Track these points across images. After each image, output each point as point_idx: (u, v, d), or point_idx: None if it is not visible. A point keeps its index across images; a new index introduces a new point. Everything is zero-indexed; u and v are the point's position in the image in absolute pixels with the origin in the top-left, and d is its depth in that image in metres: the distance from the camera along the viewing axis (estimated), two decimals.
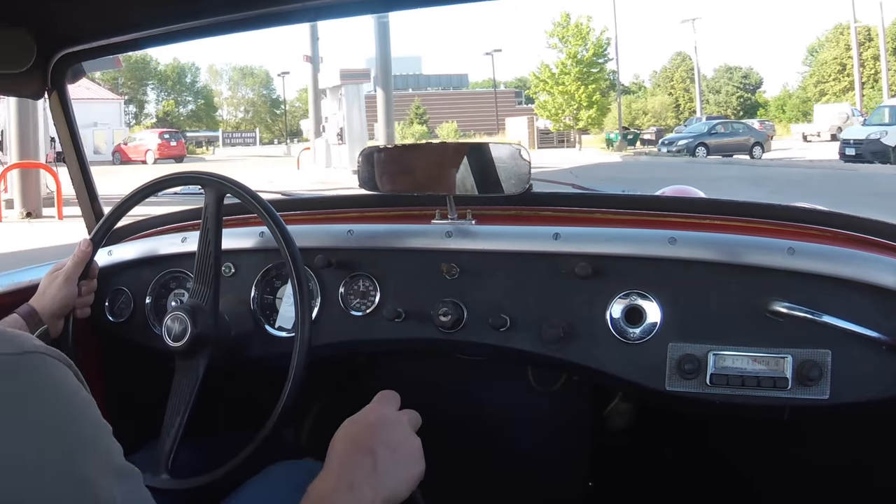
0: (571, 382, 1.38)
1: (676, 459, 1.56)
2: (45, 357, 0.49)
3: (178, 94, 53.04)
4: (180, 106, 52.96)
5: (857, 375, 1.00)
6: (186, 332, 1.09)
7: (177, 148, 30.27)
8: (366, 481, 0.68)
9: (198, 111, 53.33)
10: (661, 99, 49.19)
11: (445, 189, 1.21)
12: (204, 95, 54.20)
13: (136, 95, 51.24)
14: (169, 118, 44.51)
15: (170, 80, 52.29)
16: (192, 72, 53.95)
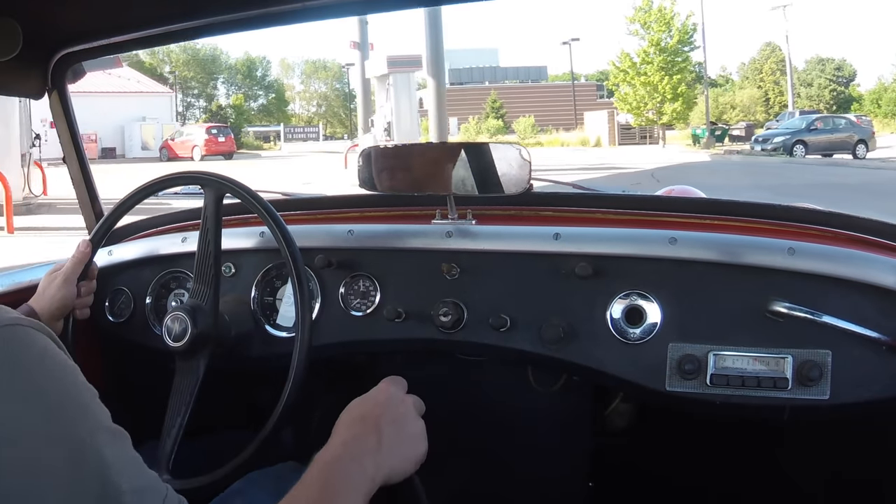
0: (572, 383, 1.38)
1: (676, 459, 1.56)
2: (24, 328, 0.50)
3: (248, 88, 51.27)
4: (250, 100, 51.02)
5: (857, 375, 1.00)
6: (186, 332, 1.09)
7: (225, 144, 28.59)
8: (369, 456, 0.70)
9: (268, 105, 51.61)
10: (749, 92, 44.63)
11: (446, 189, 1.21)
12: (275, 89, 52.52)
13: (206, 90, 49.94)
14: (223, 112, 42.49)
15: (240, 73, 50.89)
16: (263, 65, 52.27)
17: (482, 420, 1.44)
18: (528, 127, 35.46)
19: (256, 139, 40.37)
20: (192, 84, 49.04)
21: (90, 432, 0.50)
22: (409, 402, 0.79)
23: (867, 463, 1.30)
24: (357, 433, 0.73)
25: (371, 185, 1.25)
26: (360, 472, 0.69)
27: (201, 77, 49.32)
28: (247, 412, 1.46)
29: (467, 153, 1.21)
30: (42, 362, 0.50)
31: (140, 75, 36.81)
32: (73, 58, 1.35)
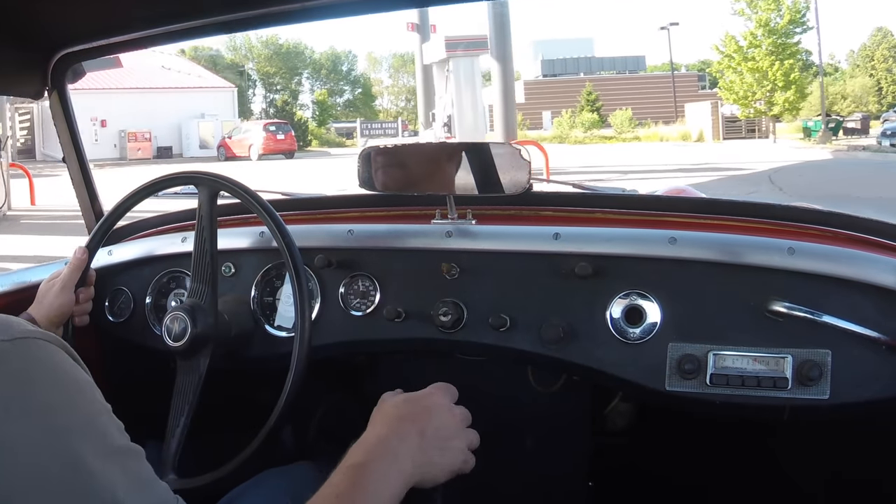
0: (571, 382, 1.38)
1: (676, 459, 1.56)
2: (38, 341, 0.49)
3: (333, 84, 49.80)
4: (335, 95, 49.52)
5: (857, 375, 1.00)
6: (186, 331, 1.09)
7: (285, 142, 26.48)
8: (409, 456, 0.70)
9: (354, 101, 50.01)
10: (860, 81, 41.93)
11: (445, 189, 1.21)
12: (361, 84, 50.79)
13: (289, 85, 48.33)
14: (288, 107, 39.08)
15: (324, 68, 49.45)
16: (349, 60, 50.97)
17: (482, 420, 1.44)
18: (625, 120, 32.42)
19: (338, 136, 38.77)
20: (276, 80, 47.43)
21: (99, 452, 0.49)
22: (458, 412, 0.79)
23: (867, 463, 1.30)
24: (400, 432, 0.72)
25: (371, 185, 1.25)
26: (397, 470, 0.68)
27: (284, 73, 47.69)
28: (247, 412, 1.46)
29: (467, 153, 1.21)
30: (53, 379, 0.49)
31: (201, 69, 35.15)
32: (73, 58, 1.35)
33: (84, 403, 0.50)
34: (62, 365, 0.50)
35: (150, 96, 29.72)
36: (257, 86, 47.37)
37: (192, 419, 1.08)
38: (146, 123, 28.45)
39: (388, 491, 0.66)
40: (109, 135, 28.23)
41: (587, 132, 31.83)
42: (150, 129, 28.72)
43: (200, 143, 29.50)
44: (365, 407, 0.80)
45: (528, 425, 1.45)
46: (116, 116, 27.99)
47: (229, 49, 46.17)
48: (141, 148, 28.06)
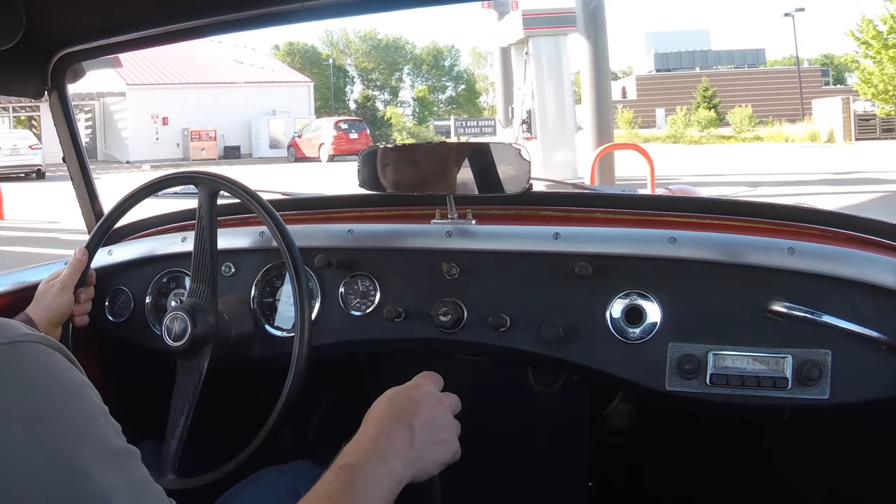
0: (571, 382, 1.38)
1: (676, 459, 1.56)
2: (35, 345, 0.49)
3: (435, 80, 46.81)
4: (437, 92, 46.76)
5: (857, 375, 1.00)
6: (186, 331, 1.09)
7: (359, 141, 22.90)
8: (399, 456, 0.70)
9: (457, 97, 46.86)
10: None
11: (446, 189, 1.21)
12: (465, 80, 47.44)
13: (389, 81, 46.12)
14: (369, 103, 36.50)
15: (425, 63, 46.48)
16: (452, 55, 47.66)
17: (481, 420, 1.44)
18: (745, 118, 28.92)
19: (437, 134, 35.72)
20: (374, 76, 45.50)
21: (95, 455, 0.49)
22: (446, 402, 0.79)
23: (867, 462, 1.30)
24: (389, 431, 0.72)
25: (371, 185, 1.25)
26: (388, 471, 0.68)
27: (383, 68, 45.57)
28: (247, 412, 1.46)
29: (468, 153, 1.21)
30: (49, 383, 0.49)
31: (275, 62, 32.59)
32: (73, 58, 1.35)
33: (80, 406, 0.50)
34: (58, 368, 0.50)
35: (217, 92, 27.58)
36: (355, 82, 45.60)
37: (192, 419, 1.08)
38: (212, 121, 26.39)
39: (381, 491, 0.67)
40: (172, 133, 26.59)
41: (703, 131, 29.02)
42: (216, 127, 26.56)
43: (271, 142, 26.94)
44: (365, 407, 0.80)
45: (528, 425, 1.45)
46: (180, 113, 26.25)
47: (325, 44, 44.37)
48: (206, 147, 26.00)
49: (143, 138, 25.99)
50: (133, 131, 26.50)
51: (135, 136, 26.34)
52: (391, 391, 0.78)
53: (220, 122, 26.59)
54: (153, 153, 25.16)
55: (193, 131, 26.28)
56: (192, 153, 25.84)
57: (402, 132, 36.19)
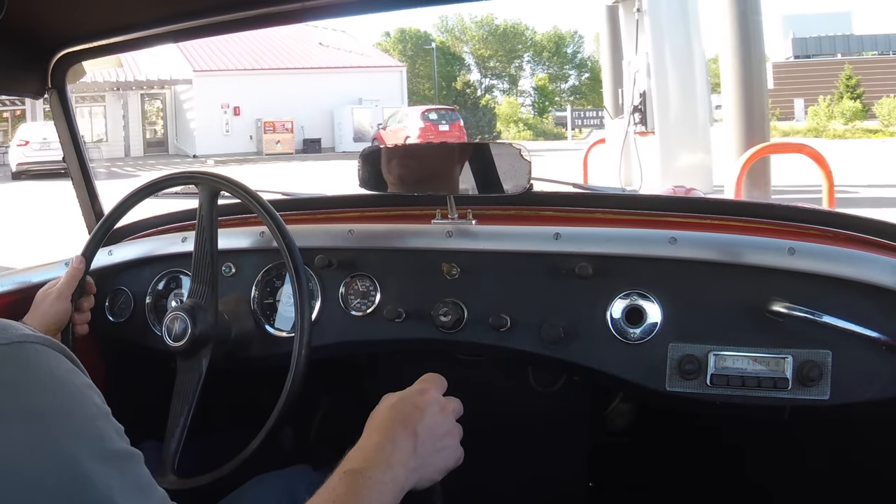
0: (571, 382, 1.38)
1: (676, 460, 1.56)
2: (35, 346, 0.49)
3: (557, 68, 42.27)
4: (559, 81, 42.19)
5: (857, 375, 1.00)
6: (186, 331, 1.09)
7: (450, 133, 20.33)
8: (403, 463, 0.70)
9: (581, 87, 42.12)
10: None
11: (446, 189, 1.21)
12: (589, 68, 42.25)
13: (507, 69, 41.88)
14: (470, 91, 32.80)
15: (546, 51, 41.96)
16: (575, 41, 42.87)
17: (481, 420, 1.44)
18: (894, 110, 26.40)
19: (557, 126, 32.30)
20: (492, 64, 41.54)
21: (96, 456, 0.49)
22: (450, 408, 0.78)
23: (867, 462, 1.30)
24: (393, 437, 0.72)
25: (371, 185, 1.25)
26: (392, 478, 0.68)
27: (501, 55, 41.45)
28: (247, 412, 1.46)
29: (468, 154, 1.21)
30: (50, 383, 0.49)
31: (364, 46, 28.45)
32: (73, 58, 1.35)
33: (81, 408, 0.50)
34: (59, 369, 0.50)
35: (296, 78, 24.30)
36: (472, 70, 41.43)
37: (192, 419, 1.08)
38: (290, 111, 23.19)
39: (385, 497, 0.67)
40: (244, 125, 23.62)
41: (848, 124, 25.97)
42: (294, 117, 23.32)
43: (355, 134, 23.39)
44: (365, 407, 0.80)
45: (528, 425, 1.45)
46: (253, 103, 23.26)
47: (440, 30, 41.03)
48: (281, 140, 22.91)
49: (211, 130, 23.29)
50: (201, 123, 23.62)
51: (203, 127, 23.52)
52: (394, 396, 0.78)
53: (299, 111, 23.37)
54: (223, 146, 22.72)
55: (267, 122, 23.26)
56: (266, 147, 23.06)
57: (518, 124, 32.27)
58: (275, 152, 22.40)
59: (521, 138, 29.35)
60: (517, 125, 32.30)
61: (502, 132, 31.24)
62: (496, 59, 41.85)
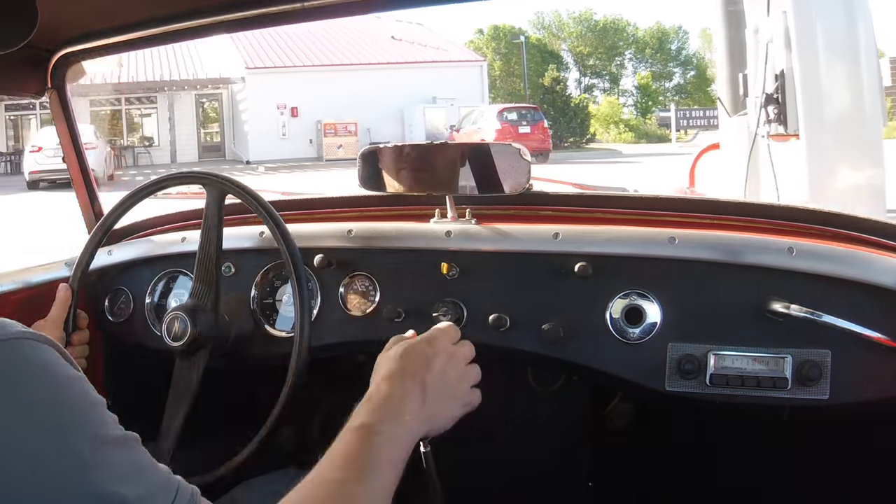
0: (571, 382, 1.38)
1: (676, 460, 1.56)
2: (30, 342, 0.50)
3: (661, 65, 39.57)
4: (663, 79, 39.45)
5: (856, 375, 1.00)
6: (187, 331, 1.09)
7: (532, 136, 17.37)
8: (412, 414, 0.72)
9: (686, 85, 39.34)
10: None
11: (445, 189, 1.21)
12: (694, 65, 39.67)
13: (608, 67, 39.17)
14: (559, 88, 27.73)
15: (649, 47, 39.12)
16: (679, 37, 39.91)
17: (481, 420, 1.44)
18: None
19: (660, 127, 29.80)
20: (592, 62, 38.86)
21: (92, 443, 0.49)
22: (459, 354, 0.80)
23: (867, 462, 1.29)
24: (402, 388, 0.73)
25: (371, 185, 1.25)
26: (404, 431, 0.70)
27: (601, 52, 38.66)
28: (247, 412, 1.47)
29: (467, 153, 1.21)
30: (44, 376, 0.49)
31: (442, 39, 25.16)
32: (73, 58, 1.35)
33: (77, 398, 0.51)
34: (53, 363, 0.51)
35: (361, 75, 21.89)
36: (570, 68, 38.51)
37: (189, 419, 1.08)
38: (354, 111, 20.72)
39: (397, 452, 0.68)
40: (302, 127, 21.45)
41: None
42: (358, 118, 20.86)
43: (427, 136, 20.53)
44: None
45: (528, 425, 1.45)
46: (313, 103, 21.13)
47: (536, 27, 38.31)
48: (343, 144, 20.29)
49: (267, 133, 21.21)
50: (255, 125, 21.56)
51: (257, 130, 21.42)
52: (403, 344, 0.79)
53: (365, 112, 20.89)
54: (278, 151, 20.51)
55: (328, 124, 21.01)
56: (326, 151, 20.73)
57: (618, 125, 29.81)
58: (336, 157, 19.65)
59: (621, 141, 27.38)
60: (617, 126, 30.00)
61: (599, 134, 28.54)
62: (596, 56, 38.86)
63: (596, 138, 27.58)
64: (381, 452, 0.66)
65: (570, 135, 25.84)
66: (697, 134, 22.02)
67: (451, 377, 0.78)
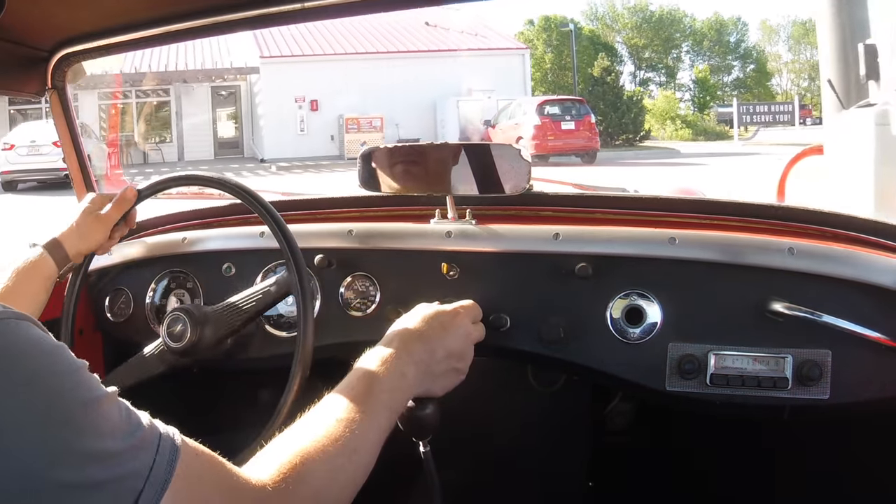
0: (571, 382, 1.38)
1: (676, 459, 1.56)
2: (12, 321, 0.52)
3: (720, 58, 37.39)
4: (721, 73, 37.30)
5: (856, 375, 1.00)
6: (186, 332, 1.09)
7: (577, 133, 15.12)
8: (415, 373, 0.81)
9: (745, 80, 37.27)
10: None
11: (445, 189, 1.21)
12: (754, 59, 37.55)
13: (664, 60, 36.80)
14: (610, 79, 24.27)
15: (707, 39, 37.05)
16: (739, 29, 37.52)
17: (481, 420, 1.44)
18: None
19: (719, 123, 27.75)
20: (647, 55, 36.71)
21: (82, 406, 0.52)
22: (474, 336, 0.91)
23: (867, 462, 1.30)
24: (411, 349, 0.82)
25: (371, 186, 1.25)
26: (404, 386, 0.79)
27: (657, 45, 36.56)
28: (247, 412, 1.47)
29: (467, 153, 1.21)
30: (29, 351, 0.52)
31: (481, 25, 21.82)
32: (73, 58, 1.35)
33: (63, 366, 0.53)
34: (36, 336, 0.53)
35: (390, 65, 19.46)
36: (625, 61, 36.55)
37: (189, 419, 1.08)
38: (381, 105, 18.42)
39: (394, 404, 0.77)
40: (323, 122, 19.12)
41: None
42: (384, 113, 18.48)
43: (461, 133, 18.52)
44: None
45: (528, 425, 1.45)
46: (335, 95, 18.81)
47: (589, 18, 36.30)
48: (367, 141, 16.11)
49: (284, 129, 19.11)
50: (270, 119, 19.38)
51: (272, 125, 19.33)
52: (429, 308, 0.89)
53: (393, 106, 18.56)
54: (297, 149, 18.46)
55: (350, 119, 18.47)
56: (349, 149, 17.71)
57: (675, 121, 27.57)
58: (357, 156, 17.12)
59: (678, 138, 25.44)
60: (674, 122, 27.80)
61: (654, 130, 26.01)
62: (651, 48, 36.57)
63: (651, 135, 24.86)
64: (381, 400, 0.76)
65: (621, 132, 22.61)
66: (758, 131, 20.47)
67: (458, 353, 0.86)
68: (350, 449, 0.70)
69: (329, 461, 0.68)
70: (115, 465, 0.51)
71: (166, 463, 0.55)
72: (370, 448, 0.72)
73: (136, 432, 0.55)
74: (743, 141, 19.84)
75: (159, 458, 0.54)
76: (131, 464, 0.53)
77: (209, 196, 1.50)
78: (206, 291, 1.31)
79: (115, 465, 0.51)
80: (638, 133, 22.92)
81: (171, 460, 0.55)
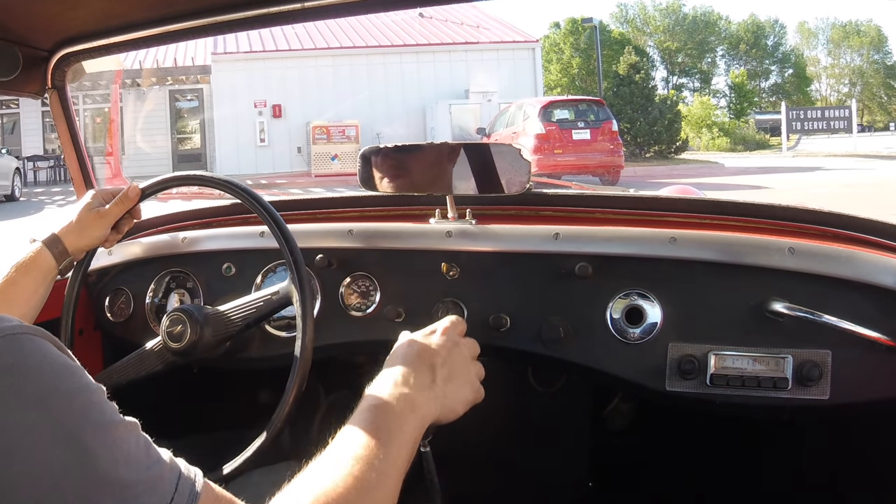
0: (571, 382, 1.38)
1: (676, 459, 1.56)
2: (25, 336, 0.51)
3: (757, 62, 35.71)
4: (759, 78, 35.57)
5: (857, 375, 1.00)
6: (186, 332, 1.09)
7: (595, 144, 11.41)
8: (422, 393, 0.78)
9: (783, 84, 35.90)
10: None
11: (445, 189, 1.21)
12: (793, 63, 36.02)
13: (698, 65, 35.62)
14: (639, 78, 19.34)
15: (743, 42, 35.40)
16: (776, 32, 36.13)
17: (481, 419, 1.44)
18: None
19: (758, 131, 25.87)
20: (681, 59, 35.47)
21: (93, 430, 0.50)
22: (464, 346, 0.87)
23: (867, 463, 1.30)
24: (415, 373, 0.79)
25: (372, 186, 1.25)
26: (411, 407, 0.75)
27: (690, 48, 35.07)
28: (247, 412, 1.47)
29: (467, 153, 1.21)
30: (42, 368, 0.50)
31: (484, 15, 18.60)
32: (73, 58, 1.35)
33: (76, 386, 0.52)
34: (51, 354, 0.52)
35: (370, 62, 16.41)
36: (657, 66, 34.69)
37: (189, 420, 1.08)
38: (358, 110, 15.45)
39: (407, 428, 0.73)
40: (288, 131, 15.98)
41: None
42: (361, 120, 15.24)
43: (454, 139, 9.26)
44: None
45: (528, 425, 1.45)
46: (301, 99, 15.91)
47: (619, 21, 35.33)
48: (338, 154, 14.79)
49: (240, 139, 16.06)
50: (224, 127, 16.23)
51: (227, 135, 16.19)
52: (408, 335, 0.86)
53: (373, 112, 15.60)
54: (256, 163, 15.56)
55: (317, 127, 15.08)
56: (315, 164, 14.93)
57: (711, 129, 25.32)
58: (328, 173, 14.14)
59: (714, 147, 23.39)
60: (710, 130, 25.26)
61: (690, 140, 22.90)
62: (685, 52, 34.99)
63: (690, 145, 21.79)
64: (391, 429, 0.71)
65: (652, 141, 18.58)
66: (800, 139, 18.38)
67: (457, 364, 0.84)
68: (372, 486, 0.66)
69: None
70: (128, 496, 0.49)
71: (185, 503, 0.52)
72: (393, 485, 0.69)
73: (154, 466, 0.53)
74: (793, 151, 17.83)
75: (178, 498, 0.52)
76: (145, 497, 0.50)
77: (209, 196, 1.51)
78: (206, 291, 1.31)
79: (128, 496, 0.49)
80: (673, 143, 18.83)
81: (190, 502, 0.53)
